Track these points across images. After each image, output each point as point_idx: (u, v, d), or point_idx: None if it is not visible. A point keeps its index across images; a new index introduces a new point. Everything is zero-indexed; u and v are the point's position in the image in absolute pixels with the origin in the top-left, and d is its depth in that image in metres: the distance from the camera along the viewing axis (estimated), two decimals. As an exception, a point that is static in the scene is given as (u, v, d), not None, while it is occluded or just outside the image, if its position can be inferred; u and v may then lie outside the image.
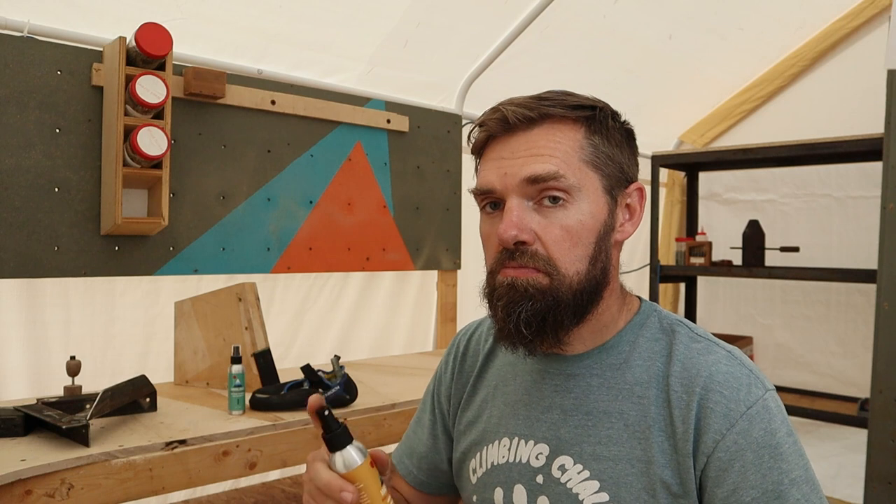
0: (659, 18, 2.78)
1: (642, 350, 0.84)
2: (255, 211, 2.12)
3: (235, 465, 1.39)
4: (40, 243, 1.72)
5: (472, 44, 2.56)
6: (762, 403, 0.77)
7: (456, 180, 2.68)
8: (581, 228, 0.79)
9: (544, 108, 0.80)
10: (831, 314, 3.29)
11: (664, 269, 3.12)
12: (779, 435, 0.76)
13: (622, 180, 0.84)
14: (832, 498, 2.67)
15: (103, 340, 1.98)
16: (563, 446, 0.84)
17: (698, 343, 0.83)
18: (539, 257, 0.78)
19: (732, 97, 3.56)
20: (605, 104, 0.85)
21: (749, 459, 0.75)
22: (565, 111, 0.81)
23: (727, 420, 0.76)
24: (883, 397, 2.08)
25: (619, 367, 0.84)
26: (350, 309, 2.53)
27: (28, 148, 1.69)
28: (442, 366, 1.05)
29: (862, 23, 3.09)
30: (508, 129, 0.82)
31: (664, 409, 0.79)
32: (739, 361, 0.80)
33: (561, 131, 0.81)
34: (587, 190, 0.80)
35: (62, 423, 1.28)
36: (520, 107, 0.81)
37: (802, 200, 3.40)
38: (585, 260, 0.80)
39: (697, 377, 0.79)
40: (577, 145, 0.80)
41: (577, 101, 0.82)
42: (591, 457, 0.81)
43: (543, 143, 0.80)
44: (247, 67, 2.12)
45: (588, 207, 0.80)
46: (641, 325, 0.86)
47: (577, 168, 0.79)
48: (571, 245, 0.79)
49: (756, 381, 0.79)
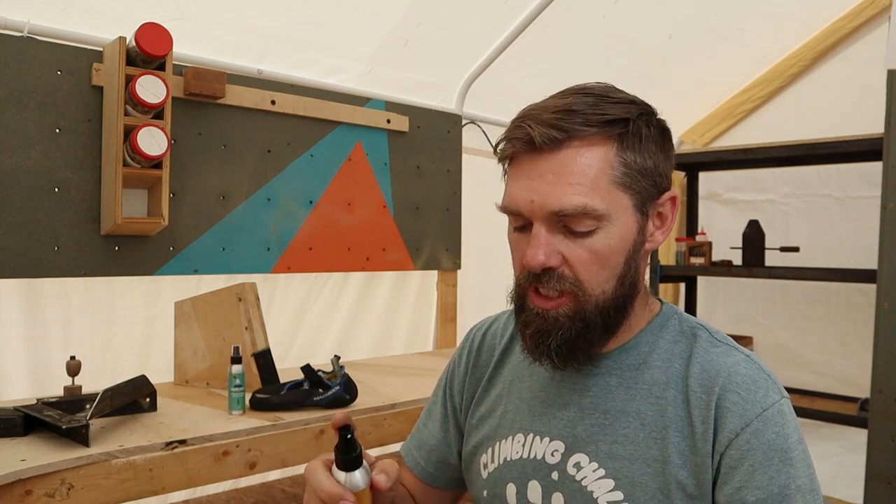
0: (659, 18, 2.78)
1: (662, 352, 0.84)
2: (255, 211, 2.12)
3: (235, 465, 1.39)
4: (40, 243, 1.72)
5: (472, 44, 2.56)
6: (777, 407, 0.78)
7: (456, 180, 2.68)
8: (609, 252, 0.78)
9: (574, 126, 0.76)
10: (831, 314, 3.29)
11: (664, 269, 3.12)
12: (790, 440, 0.77)
13: (655, 193, 0.81)
14: (832, 498, 2.67)
15: (103, 340, 1.98)
16: (579, 444, 0.84)
17: (718, 347, 0.83)
18: (566, 279, 0.78)
19: (732, 97, 3.56)
20: (642, 107, 0.81)
21: (758, 460, 0.75)
22: (596, 129, 0.76)
23: (742, 419, 0.76)
24: (883, 397, 2.08)
25: (637, 368, 0.84)
26: (350, 309, 2.53)
27: (28, 148, 1.69)
28: (455, 360, 1.05)
29: (862, 23, 3.09)
30: (534, 149, 0.77)
31: (683, 410, 0.80)
32: (758, 366, 0.81)
33: (591, 150, 0.77)
34: (617, 213, 0.78)
35: (62, 423, 1.28)
36: (547, 125, 0.76)
37: (802, 200, 3.40)
38: (613, 280, 0.79)
39: (717, 377, 0.79)
40: (607, 165, 0.77)
41: (610, 116, 0.77)
42: (606, 455, 0.82)
43: (571, 168, 0.76)
44: (247, 67, 2.12)
45: (617, 230, 0.78)
46: (661, 327, 0.87)
47: (607, 191, 0.77)
48: (599, 268, 0.78)
49: (773, 386, 0.79)
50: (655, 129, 0.81)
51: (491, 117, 2.79)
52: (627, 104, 0.80)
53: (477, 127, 2.77)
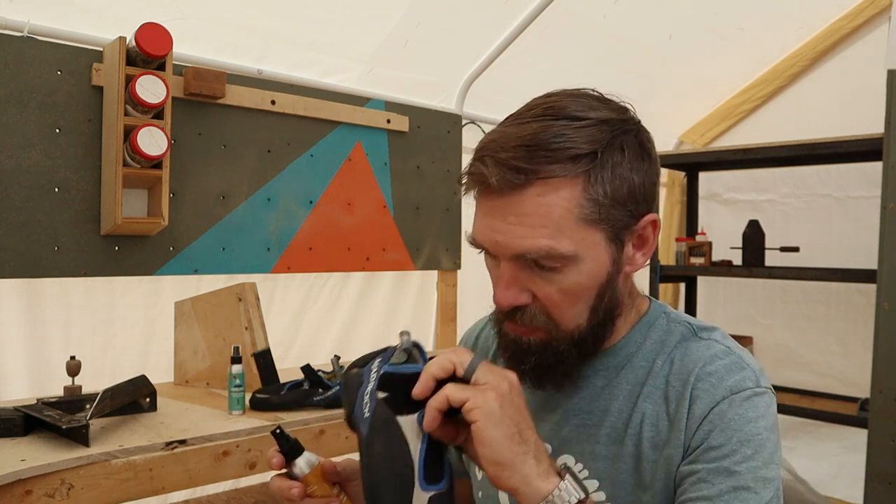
0: (659, 18, 2.78)
1: (646, 351, 0.84)
2: (255, 211, 2.12)
3: (235, 465, 1.39)
4: (40, 243, 1.72)
5: (472, 44, 2.56)
6: (749, 394, 0.76)
7: (456, 180, 2.67)
8: (579, 289, 0.76)
9: (535, 167, 0.71)
10: (831, 314, 3.29)
11: (664, 269, 3.12)
12: (756, 426, 0.74)
13: (631, 221, 0.76)
14: (832, 498, 2.67)
15: (103, 340, 1.98)
16: (565, 446, 0.84)
17: (700, 341, 0.82)
18: (537, 316, 0.77)
19: (732, 97, 3.56)
20: (616, 125, 0.75)
21: (716, 437, 0.74)
22: (560, 167, 0.71)
23: (710, 403, 0.75)
24: (883, 397, 2.08)
25: (622, 368, 0.84)
26: (350, 309, 2.53)
27: (28, 148, 1.69)
28: None
29: (862, 23, 3.09)
30: (495, 189, 0.73)
31: (661, 406, 0.79)
32: (738, 357, 0.79)
33: (555, 191, 0.71)
34: (587, 251, 0.74)
35: (62, 423, 1.28)
36: (505, 167, 0.71)
37: (802, 200, 3.40)
38: (586, 313, 0.78)
39: (693, 369, 0.78)
40: (573, 205, 0.72)
41: (576, 150, 0.71)
42: (590, 456, 0.82)
43: (534, 210, 0.72)
44: (247, 67, 2.12)
45: (587, 268, 0.75)
46: (649, 327, 0.86)
47: (574, 230, 0.73)
48: (570, 305, 0.76)
49: (751, 376, 0.77)
50: (633, 147, 0.75)
51: (491, 117, 2.78)
52: (600, 125, 0.73)
53: (477, 127, 2.77)
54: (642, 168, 0.76)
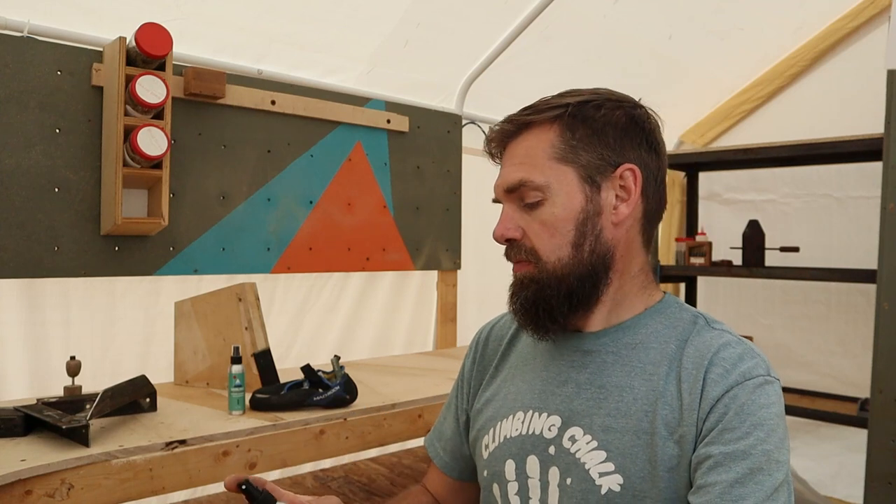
0: (659, 18, 2.78)
1: (659, 335, 0.88)
2: (255, 211, 2.12)
3: (235, 465, 1.39)
4: (40, 243, 1.72)
5: (472, 44, 2.56)
6: (761, 381, 0.80)
7: (456, 180, 2.68)
8: (556, 220, 0.86)
9: (522, 119, 0.89)
10: (831, 314, 3.29)
11: (664, 270, 3.12)
12: (768, 411, 0.78)
13: (604, 166, 0.87)
14: (832, 498, 2.67)
15: (103, 340, 1.98)
16: (575, 418, 0.87)
17: (714, 331, 0.87)
18: (524, 249, 0.89)
19: (732, 97, 3.56)
20: (613, 100, 0.89)
21: (730, 420, 0.77)
22: (536, 116, 0.88)
23: (724, 386, 0.79)
24: (883, 397, 2.08)
25: (634, 347, 0.88)
26: (350, 309, 2.53)
27: (28, 148, 1.69)
28: (466, 354, 1.12)
29: (862, 23, 3.09)
30: (500, 143, 0.92)
31: (674, 386, 0.83)
32: (750, 347, 0.84)
33: (535, 136, 0.89)
34: (559, 184, 0.86)
35: (62, 423, 1.28)
36: (506, 122, 0.91)
37: (802, 200, 3.40)
38: (567, 246, 0.86)
39: (707, 354, 0.83)
40: (546, 144, 0.87)
41: (557, 103, 0.88)
42: (600, 428, 0.84)
43: (517, 152, 0.90)
44: (247, 67, 2.12)
45: (561, 200, 0.86)
46: (661, 313, 0.90)
47: (547, 167, 0.87)
48: (550, 236, 0.87)
49: (762, 365, 0.82)
50: (623, 117, 0.88)
51: (491, 117, 2.78)
52: (592, 95, 0.89)
53: (477, 127, 2.77)
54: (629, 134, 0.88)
